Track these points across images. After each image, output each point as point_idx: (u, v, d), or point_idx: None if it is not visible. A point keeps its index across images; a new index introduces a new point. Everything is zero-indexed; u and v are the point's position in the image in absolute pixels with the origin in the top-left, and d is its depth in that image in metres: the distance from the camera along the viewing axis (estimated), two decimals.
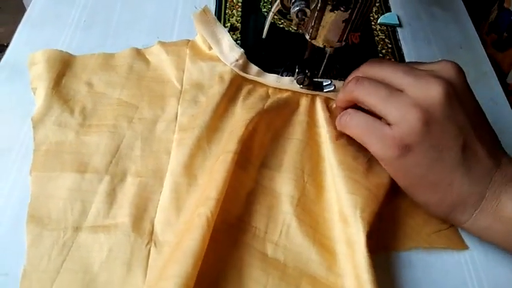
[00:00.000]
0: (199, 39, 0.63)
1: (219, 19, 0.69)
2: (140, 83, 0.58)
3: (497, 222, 0.45)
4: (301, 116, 0.58)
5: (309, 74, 0.58)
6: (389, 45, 0.71)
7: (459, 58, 0.51)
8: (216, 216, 0.44)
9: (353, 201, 0.47)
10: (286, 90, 0.60)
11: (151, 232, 0.46)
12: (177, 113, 0.55)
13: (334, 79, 0.61)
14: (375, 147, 0.47)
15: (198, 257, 0.41)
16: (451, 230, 0.51)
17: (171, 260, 0.41)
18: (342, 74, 0.61)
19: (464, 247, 0.50)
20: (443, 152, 0.44)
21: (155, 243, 0.45)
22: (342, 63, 0.64)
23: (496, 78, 0.70)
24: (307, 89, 0.60)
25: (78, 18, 0.66)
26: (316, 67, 0.59)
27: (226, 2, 0.72)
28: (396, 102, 0.46)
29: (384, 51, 0.71)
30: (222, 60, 0.60)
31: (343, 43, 0.53)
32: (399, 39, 0.73)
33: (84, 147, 0.50)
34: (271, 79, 0.61)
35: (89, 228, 0.45)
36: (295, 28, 0.69)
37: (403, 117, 0.45)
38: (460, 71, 0.47)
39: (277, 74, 0.62)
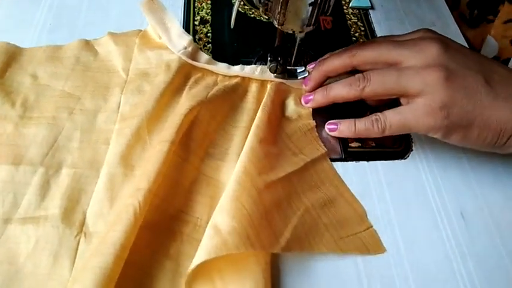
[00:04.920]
0: (150, 28, 0.62)
1: (188, 13, 0.68)
2: (85, 74, 0.57)
3: None
4: (249, 103, 0.57)
5: (281, 62, 0.57)
6: (362, 28, 0.70)
7: None
8: (146, 207, 0.43)
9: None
10: (236, 76, 0.59)
11: (83, 223, 0.45)
12: (119, 103, 0.55)
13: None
14: (420, 127, 0.48)
15: (122, 248, 0.40)
16: (368, 232, 0.49)
17: (95, 251, 0.41)
18: (315, 60, 0.60)
19: (382, 250, 0.48)
20: (474, 95, 0.46)
21: (85, 234, 0.45)
22: (315, 49, 0.63)
23: None
24: (282, 77, 0.59)
25: (43, 21, 0.65)
26: (288, 54, 0.58)
27: None
28: (409, 74, 0.47)
29: (357, 34, 0.70)
30: (170, 48, 0.59)
31: (313, 27, 0.52)
32: (372, 22, 0.72)
33: (21, 139, 0.50)
34: (221, 66, 0.59)
35: (19, 220, 0.45)
36: (267, 17, 0.68)
37: (424, 83, 0.46)
38: (435, 31, 0.52)
39: (250, 64, 0.60)
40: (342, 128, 0.53)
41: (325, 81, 0.56)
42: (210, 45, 0.64)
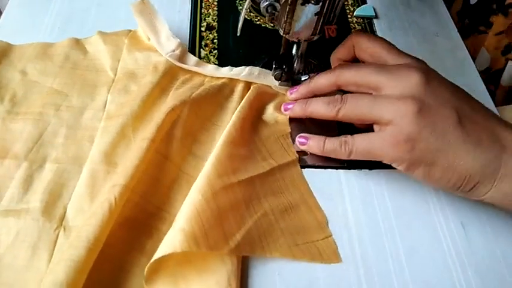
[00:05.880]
0: (140, 29, 0.63)
1: (195, 19, 0.69)
2: (74, 72, 0.58)
3: None
4: (234, 102, 0.57)
5: (286, 69, 0.58)
6: None
7: (436, 46, 0.51)
8: (122, 202, 0.44)
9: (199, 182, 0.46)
10: (224, 77, 0.59)
11: (63, 217, 0.46)
12: (106, 102, 0.55)
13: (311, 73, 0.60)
14: (384, 156, 0.47)
15: (96, 241, 0.40)
16: (326, 241, 0.48)
17: (69, 244, 0.41)
18: (319, 69, 0.61)
19: (338, 260, 0.47)
20: (444, 133, 0.44)
21: (64, 228, 0.45)
22: (319, 57, 0.64)
23: (474, 65, 0.69)
24: (286, 85, 0.60)
25: (52, 25, 0.66)
26: (293, 62, 0.59)
27: (201, 2, 0.72)
28: (383, 103, 0.46)
29: None
30: (158, 50, 0.60)
31: (318, 36, 0.53)
32: (376, 31, 0.72)
33: (8, 134, 0.51)
34: (209, 69, 0.60)
35: (1, 212, 0.45)
36: (272, 25, 0.68)
37: (395, 114, 0.45)
38: (425, 63, 0.49)
39: None
40: (311, 143, 0.53)
41: (311, 97, 0.56)
42: (216, 51, 0.65)
